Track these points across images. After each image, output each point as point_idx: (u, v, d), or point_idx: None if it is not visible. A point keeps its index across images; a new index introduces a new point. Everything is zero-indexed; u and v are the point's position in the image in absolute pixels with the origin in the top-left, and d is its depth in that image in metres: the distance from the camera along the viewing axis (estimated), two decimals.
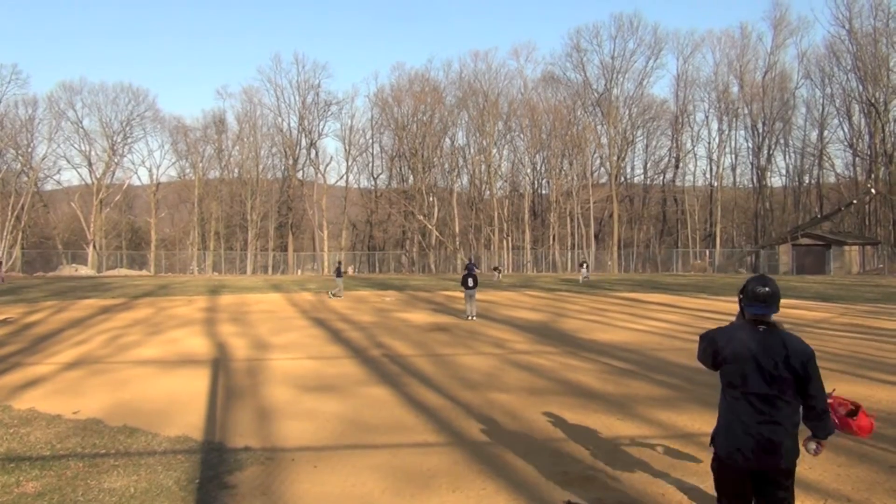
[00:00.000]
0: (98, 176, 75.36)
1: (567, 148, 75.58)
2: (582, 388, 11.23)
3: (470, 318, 22.24)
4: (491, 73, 78.89)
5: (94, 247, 71.45)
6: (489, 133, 75.38)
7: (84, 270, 64.89)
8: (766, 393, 4.33)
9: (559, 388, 11.38)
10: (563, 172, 76.63)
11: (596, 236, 75.05)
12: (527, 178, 79.40)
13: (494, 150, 77.30)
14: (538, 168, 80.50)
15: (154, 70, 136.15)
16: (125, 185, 78.74)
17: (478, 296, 31.77)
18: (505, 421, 9.18)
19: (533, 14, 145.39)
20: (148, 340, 17.44)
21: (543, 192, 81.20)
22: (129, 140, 78.38)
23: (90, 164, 75.99)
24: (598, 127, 77.50)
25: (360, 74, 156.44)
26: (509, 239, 74.07)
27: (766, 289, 4.52)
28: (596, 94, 77.77)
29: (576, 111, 77.23)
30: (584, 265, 47.57)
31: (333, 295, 31.71)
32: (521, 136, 77.63)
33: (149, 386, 11.64)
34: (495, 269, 54.01)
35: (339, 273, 33.44)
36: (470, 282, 22.72)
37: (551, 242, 72.85)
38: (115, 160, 77.23)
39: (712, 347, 4.60)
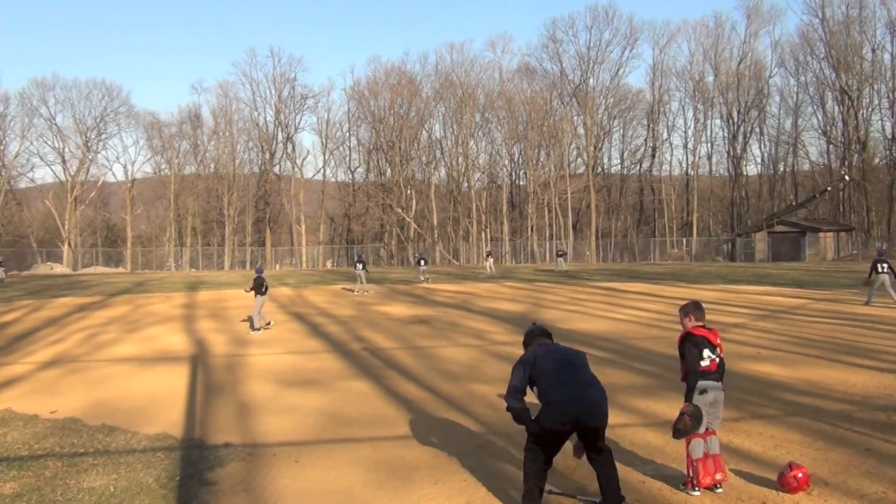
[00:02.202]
0: (72, 173, 74.50)
1: (544, 139, 75.61)
2: None
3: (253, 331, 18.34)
4: (467, 65, 78.85)
5: (69, 245, 70.70)
6: (466, 125, 75.31)
7: (59, 269, 64.14)
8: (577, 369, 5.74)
9: None
10: (540, 163, 76.71)
11: (574, 226, 75.22)
12: (504, 170, 79.45)
13: (472, 142, 77.29)
14: (515, 159, 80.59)
15: (128, 65, 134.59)
16: (100, 182, 77.86)
17: (457, 287, 31.74)
18: (486, 412, 9.23)
19: (509, 5, 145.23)
20: (125, 338, 17.34)
21: (521, 183, 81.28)
22: (103, 136, 77.53)
23: (64, 161, 75.08)
24: (575, 117, 77.65)
25: (336, 67, 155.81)
26: (488, 230, 74.15)
27: (545, 328, 6.28)
28: (572, 85, 77.90)
29: (552, 102, 77.31)
30: (562, 255, 47.26)
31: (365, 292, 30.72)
32: (499, 127, 77.67)
33: (127, 384, 11.59)
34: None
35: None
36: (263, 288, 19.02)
37: (529, 233, 72.96)
38: (90, 157, 76.40)
39: (530, 365, 5.71)
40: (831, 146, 72.31)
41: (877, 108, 68.87)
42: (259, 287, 18.90)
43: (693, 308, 6.39)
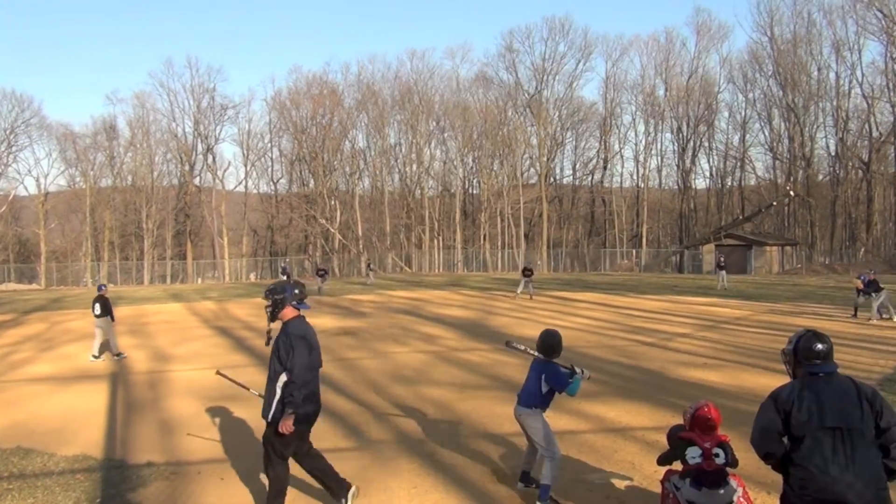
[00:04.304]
0: None
1: (498, 148, 76.35)
2: (513, 384, 11.36)
3: None
4: (425, 73, 79.62)
5: None
6: (422, 133, 75.76)
7: None
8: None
9: (489, 383, 11.67)
10: (493, 172, 77.40)
11: (526, 236, 75.83)
12: (458, 178, 79.99)
13: (426, 150, 77.84)
14: (469, 168, 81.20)
15: (39, 75, 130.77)
16: (11, 196, 75.50)
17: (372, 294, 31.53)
18: (437, 416, 9.37)
19: (468, 14, 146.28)
20: (41, 357, 16.91)
21: (474, 191, 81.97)
22: (14, 149, 74.93)
23: None
24: (529, 128, 78.58)
25: (257, 78, 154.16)
26: (440, 238, 74.41)
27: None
28: (527, 96, 78.78)
29: (507, 112, 78.13)
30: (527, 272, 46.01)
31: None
32: (453, 136, 78.20)
33: (43, 404, 11.30)
34: (369, 266, 50.83)
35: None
36: None
37: (482, 242, 73.50)
38: None
39: (308, 344, 5.93)
40: (777, 162, 74.50)
41: (821, 126, 71.28)
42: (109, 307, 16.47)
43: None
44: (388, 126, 79.52)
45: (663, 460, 5.73)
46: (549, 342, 6.72)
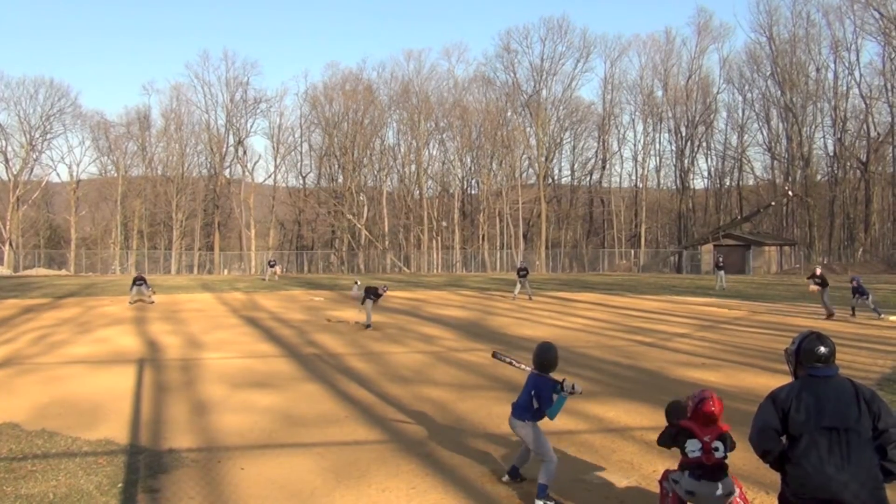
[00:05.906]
0: (15, 172, 72.43)
1: (496, 148, 75.92)
2: (512, 384, 11.34)
3: None
4: (424, 74, 78.93)
5: (11, 245, 68.87)
6: (421, 133, 75.39)
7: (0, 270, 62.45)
8: None
9: (488, 383, 11.57)
10: (492, 173, 77.08)
11: (524, 236, 75.54)
12: (456, 179, 79.68)
13: (425, 150, 77.44)
14: (468, 168, 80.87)
15: (76, 64, 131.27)
16: (44, 182, 75.87)
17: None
18: (436, 417, 9.27)
19: (464, 14, 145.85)
20: (78, 339, 17.11)
21: (473, 192, 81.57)
22: (49, 136, 75.23)
23: (6, 161, 72.81)
24: (527, 128, 78.13)
25: (290, 72, 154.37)
26: (439, 238, 74.16)
27: None
28: (525, 96, 78.31)
29: (506, 112, 77.62)
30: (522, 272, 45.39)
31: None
32: (452, 136, 77.80)
33: (75, 386, 11.36)
34: (270, 264, 48.17)
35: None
36: None
37: (480, 242, 73.20)
38: (34, 156, 74.34)
39: None
40: (776, 162, 74.08)
41: (820, 126, 70.87)
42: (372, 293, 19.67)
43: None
44: (385, 126, 79.55)
45: (662, 441, 5.65)
46: (542, 357, 6.52)
